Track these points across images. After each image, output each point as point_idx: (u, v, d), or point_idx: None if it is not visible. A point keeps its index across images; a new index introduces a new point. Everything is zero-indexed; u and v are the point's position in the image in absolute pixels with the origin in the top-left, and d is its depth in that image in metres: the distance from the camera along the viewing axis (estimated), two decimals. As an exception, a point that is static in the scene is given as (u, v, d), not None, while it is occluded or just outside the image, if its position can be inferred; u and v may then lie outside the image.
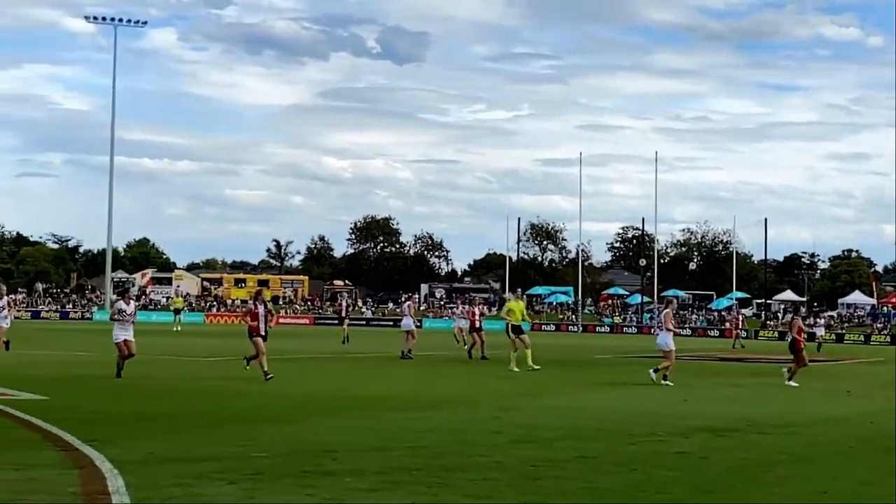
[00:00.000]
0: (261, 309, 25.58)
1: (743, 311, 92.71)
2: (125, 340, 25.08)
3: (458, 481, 11.37)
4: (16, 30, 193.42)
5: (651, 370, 27.14)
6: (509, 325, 33.07)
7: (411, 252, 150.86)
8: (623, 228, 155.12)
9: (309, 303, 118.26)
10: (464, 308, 57.48)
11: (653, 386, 26.01)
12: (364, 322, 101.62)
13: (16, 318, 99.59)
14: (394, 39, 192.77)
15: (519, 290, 42.46)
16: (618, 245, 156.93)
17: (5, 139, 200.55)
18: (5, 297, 33.06)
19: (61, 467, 11.83)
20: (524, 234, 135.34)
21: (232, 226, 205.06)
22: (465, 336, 44.50)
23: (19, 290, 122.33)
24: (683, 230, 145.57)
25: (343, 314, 56.40)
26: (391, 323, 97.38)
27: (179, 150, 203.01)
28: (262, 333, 25.30)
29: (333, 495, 10.40)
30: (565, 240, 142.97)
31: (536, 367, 31.61)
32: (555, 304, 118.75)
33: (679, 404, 21.42)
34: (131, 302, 26.04)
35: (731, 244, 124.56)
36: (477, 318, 38.34)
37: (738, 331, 66.88)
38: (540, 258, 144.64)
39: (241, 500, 10.11)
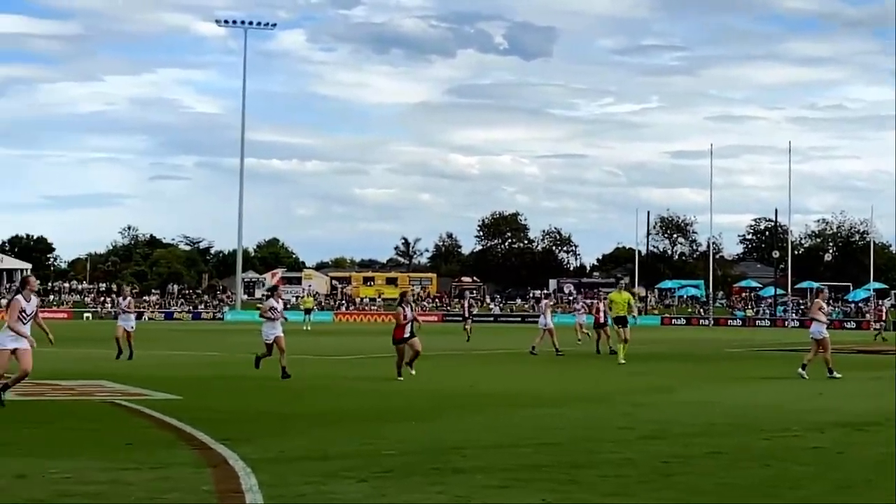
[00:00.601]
0: (409, 311, 25.40)
1: (883, 301, 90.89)
2: (276, 338, 25.09)
3: (589, 478, 11.28)
4: (148, 35, 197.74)
5: (800, 368, 26.27)
6: (614, 317, 33.80)
7: (539, 248, 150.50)
8: (755, 220, 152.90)
9: (437, 300, 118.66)
10: (584, 303, 57.05)
11: (787, 380, 25.59)
12: (492, 319, 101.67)
13: (149, 318, 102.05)
14: (521, 35, 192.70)
15: (622, 282, 42.17)
16: (750, 237, 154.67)
17: (139, 143, 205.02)
18: (129, 298, 33.57)
19: (195, 466, 11.98)
20: (653, 227, 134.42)
21: (360, 224, 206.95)
22: (588, 331, 44.28)
23: (152, 291, 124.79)
24: (818, 221, 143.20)
25: (466, 313, 56.52)
26: (519, 319, 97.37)
27: (308, 150, 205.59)
28: (406, 336, 25.07)
29: (463, 493, 10.38)
30: (696, 233, 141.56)
31: (622, 361, 31.91)
32: (685, 297, 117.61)
33: (814, 398, 21.03)
34: (280, 300, 26.09)
35: (868, 234, 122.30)
36: (601, 313, 38.16)
37: (882, 322, 65.49)
38: (670, 251, 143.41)
39: (372, 498, 10.14)
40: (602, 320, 38.19)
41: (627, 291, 35.87)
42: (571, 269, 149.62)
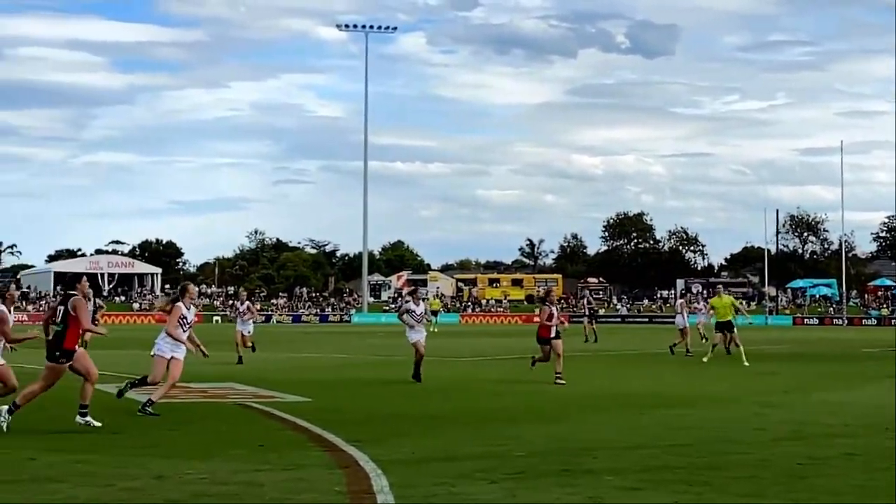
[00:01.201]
0: (554, 310, 24.91)
1: None
2: (415, 342, 24.71)
3: (721, 480, 11.15)
4: (271, 41, 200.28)
5: None
6: (716, 323, 33.93)
7: (665, 248, 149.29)
8: (889, 217, 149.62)
9: (563, 301, 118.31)
10: (705, 303, 56.31)
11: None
12: (619, 319, 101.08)
13: (277, 321, 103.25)
14: (643, 33, 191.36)
15: (719, 287, 41.60)
16: (884, 235, 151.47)
17: (263, 148, 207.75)
18: (246, 303, 33.69)
19: (327, 467, 12.09)
20: (783, 225, 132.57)
21: (484, 226, 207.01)
22: (706, 332, 43.84)
23: (280, 294, 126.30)
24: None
25: (587, 312, 56.27)
26: (647, 320, 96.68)
27: (430, 152, 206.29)
28: (552, 336, 24.57)
29: (594, 494, 10.33)
30: (827, 231, 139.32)
31: (704, 359, 32.30)
32: (817, 297, 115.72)
33: (952, 398, 20.53)
34: (420, 302, 25.52)
35: None
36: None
37: None
38: (800, 250, 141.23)
39: (503, 499, 10.14)
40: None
41: (727, 295, 35.90)
42: (699, 268, 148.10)
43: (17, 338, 16.41)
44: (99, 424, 15.36)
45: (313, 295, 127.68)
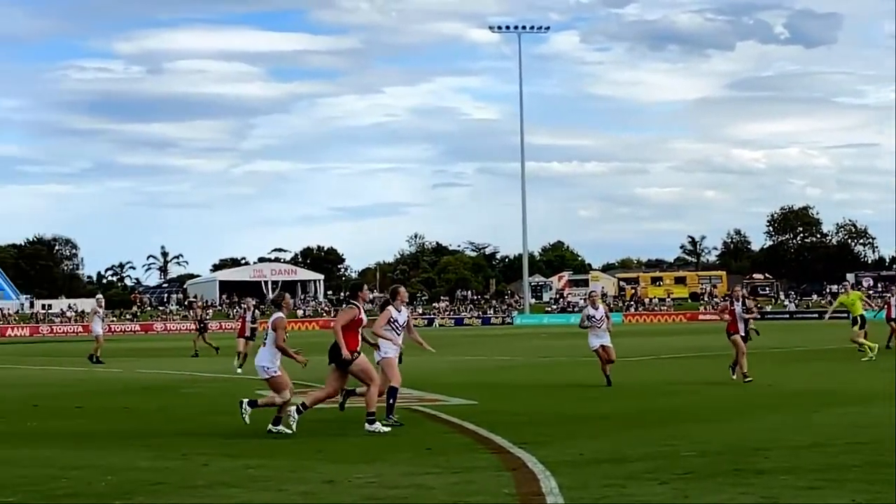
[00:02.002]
0: (738, 307, 24.27)
1: None
2: (602, 346, 23.83)
3: (902, 478, 10.85)
4: (424, 45, 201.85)
5: None
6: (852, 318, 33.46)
7: (833, 241, 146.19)
8: None
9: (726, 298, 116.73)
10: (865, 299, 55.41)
11: None
12: (787, 316, 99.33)
13: (440, 325, 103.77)
14: (803, 23, 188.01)
15: (845, 283, 40.56)
16: None
17: (421, 152, 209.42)
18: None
19: (495, 469, 12.07)
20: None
21: (644, 224, 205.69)
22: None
23: (441, 297, 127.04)
24: None
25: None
26: (816, 315, 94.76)
27: (587, 151, 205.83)
28: (742, 333, 24.09)
29: (768, 493, 10.12)
30: None
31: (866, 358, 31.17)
32: None
33: None
34: (600, 306, 24.34)
35: None
36: (893, 307, 36.76)
37: None
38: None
39: (674, 500, 10.00)
40: (894, 314, 36.82)
41: (854, 290, 35.29)
42: (869, 262, 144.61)
43: (288, 351, 16.10)
44: (387, 430, 15.64)
45: (474, 298, 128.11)
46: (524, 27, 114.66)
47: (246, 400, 16.11)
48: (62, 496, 10.84)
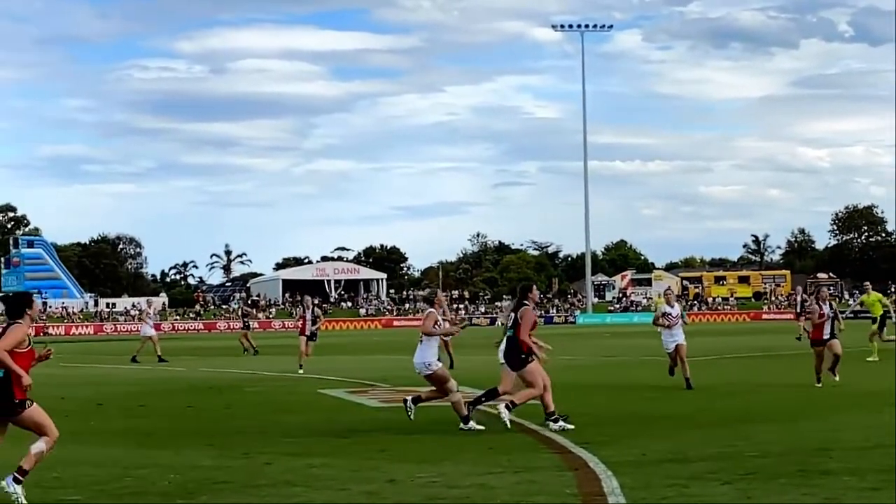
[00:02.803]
0: (826, 308, 22.88)
1: None
2: (677, 346, 22.76)
3: (967, 479, 10.75)
4: (486, 44, 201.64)
5: None
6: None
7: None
8: None
9: (791, 297, 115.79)
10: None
11: None
12: (852, 315, 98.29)
13: (501, 324, 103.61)
14: (867, 20, 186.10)
15: (866, 283, 40.34)
16: None
17: (483, 151, 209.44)
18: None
19: (558, 469, 12.10)
20: None
21: (707, 223, 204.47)
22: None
23: (504, 297, 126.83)
24: None
25: (798, 308, 54.85)
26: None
27: (650, 150, 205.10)
28: (825, 337, 22.62)
29: (832, 495, 10.09)
30: None
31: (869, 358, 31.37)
32: None
33: None
34: (675, 304, 23.48)
35: None
36: None
37: None
38: None
39: (737, 500, 9.98)
40: None
41: (875, 291, 35.53)
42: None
43: (433, 331, 16.30)
44: (572, 427, 15.66)
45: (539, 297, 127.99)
46: (587, 26, 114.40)
47: (409, 398, 16.49)
48: (126, 495, 10.99)
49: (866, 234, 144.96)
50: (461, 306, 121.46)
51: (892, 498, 9.93)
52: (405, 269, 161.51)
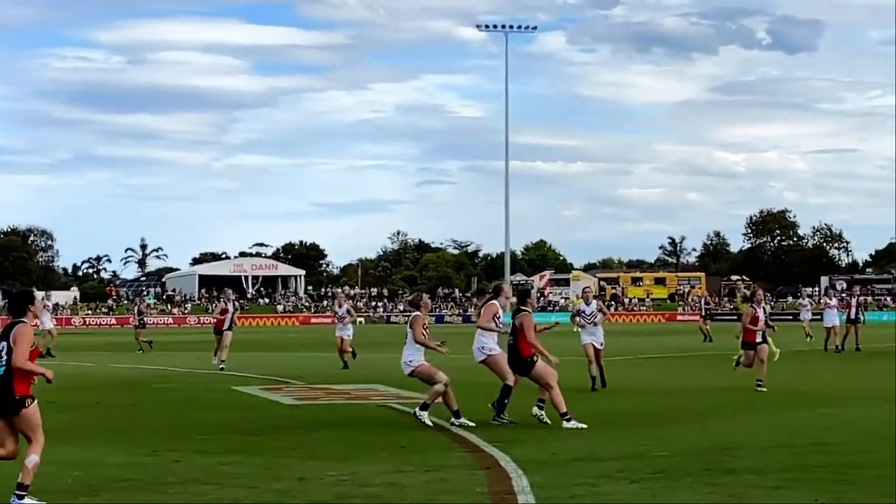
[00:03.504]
0: (761, 312, 22.35)
1: None
2: (592, 345, 22.70)
3: (864, 479, 11.01)
4: (412, 42, 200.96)
5: None
6: None
7: (809, 244, 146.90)
8: None
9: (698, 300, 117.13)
10: (809, 300, 58.16)
11: None
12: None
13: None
14: (785, 29, 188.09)
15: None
16: None
17: (406, 149, 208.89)
18: (345, 306, 31.90)
19: (469, 468, 12.17)
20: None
21: (627, 225, 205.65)
22: (809, 328, 46.58)
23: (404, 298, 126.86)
24: None
25: (703, 311, 55.69)
26: (790, 318, 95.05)
27: (572, 151, 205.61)
28: (758, 340, 22.02)
29: (735, 493, 10.29)
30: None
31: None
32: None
33: None
34: (592, 302, 23.18)
35: None
36: (853, 308, 38.05)
37: None
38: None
39: (643, 499, 10.11)
40: (854, 316, 37.84)
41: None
42: (843, 265, 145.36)
43: (429, 344, 16.86)
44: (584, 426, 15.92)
45: (456, 296, 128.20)
46: (511, 26, 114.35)
47: (417, 408, 16.62)
48: (27, 492, 10.83)
49: (779, 237, 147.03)
50: (380, 304, 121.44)
51: (793, 497, 10.10)
52: (324, 266, 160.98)
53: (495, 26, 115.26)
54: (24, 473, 10.24)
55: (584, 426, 15.83)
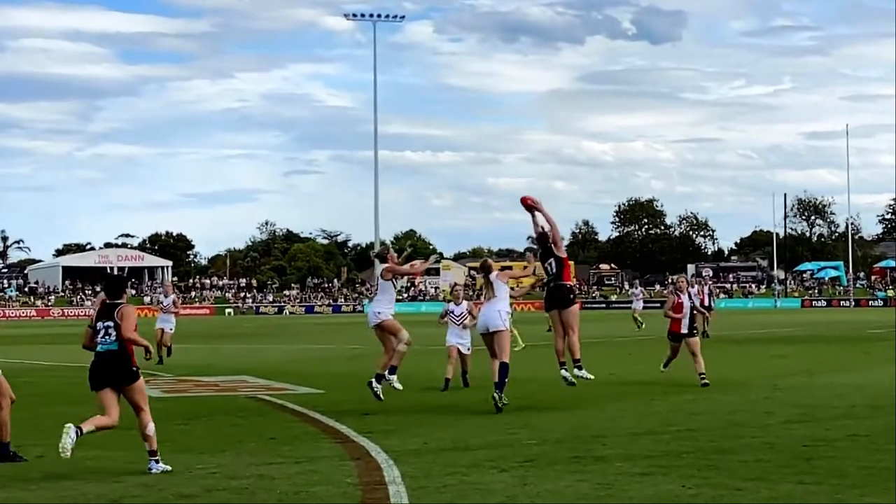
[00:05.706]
0: (685, 300, 20.86)
1: None
2: (458, 349, 21.60)
3: (730, 464, 11.21)
4: (278, 31, 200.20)
5: None
6: None
7: (676, 233, 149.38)
8: (894, 200, 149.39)
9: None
10: (641, 289, 60.06)
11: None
12: (629, 305, 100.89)
13: (290, 312, 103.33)
14: (649, 19, 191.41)
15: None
16: (889, 217, 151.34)
17: (273, 139, 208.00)
18: (171, 297, 30.89)
19: (339, 459, 12.15)
20: (791, 209, 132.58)
21: (496, 214, 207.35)
22: (639, 317, 48.71)
23: (292, 285, 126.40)
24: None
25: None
26: (658, 305, 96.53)
27: (441, 141, 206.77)
28: (684, 332, 20.68)
29: (604, 480, 10.40)
30: (833, 214, 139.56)
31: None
32: (826, 279, 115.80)
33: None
34: (463, 303, 22.20)
35: None
36: (705, 295, 39.27)
37: None
38: (808, 233, 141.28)
39: (514, 488, 10.19)
40: (706, 303, 38.65)
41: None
42: (709, 253, 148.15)
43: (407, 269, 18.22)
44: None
45: (326, 286, 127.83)
46: (379, 15, 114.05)
47: (386, 372, 17.40)
48: None
49: (647, 226, 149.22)
50: (248, 295, 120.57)
51: (662, 483, 10.28)
52: (191, 256, 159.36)
53: (363, 15, 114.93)
54: (150, 441, 11.34)
55: (593, 377, 17.52)
